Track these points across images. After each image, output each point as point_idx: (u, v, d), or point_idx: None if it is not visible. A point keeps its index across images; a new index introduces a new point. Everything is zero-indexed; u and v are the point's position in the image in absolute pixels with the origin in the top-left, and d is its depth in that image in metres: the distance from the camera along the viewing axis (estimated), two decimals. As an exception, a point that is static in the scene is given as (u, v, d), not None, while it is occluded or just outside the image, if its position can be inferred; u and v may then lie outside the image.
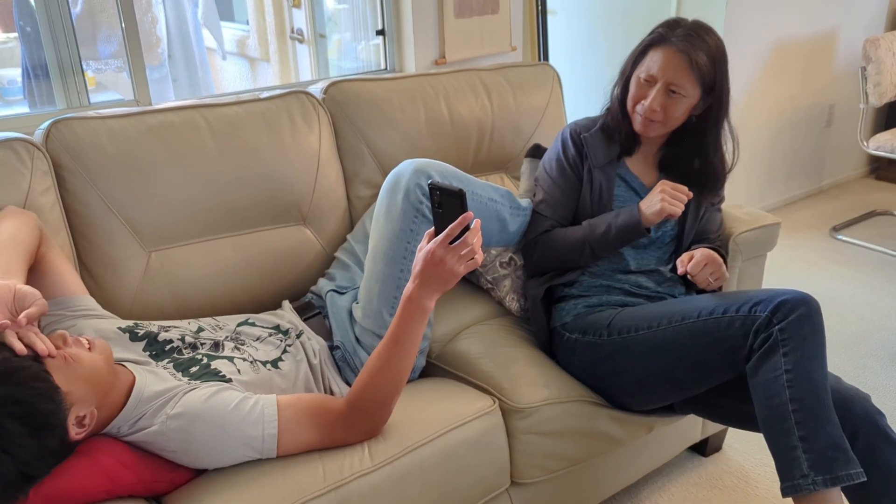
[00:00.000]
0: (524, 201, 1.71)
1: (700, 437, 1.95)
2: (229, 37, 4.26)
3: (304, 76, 3.68)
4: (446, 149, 2.00)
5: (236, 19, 4.33)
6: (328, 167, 1.82)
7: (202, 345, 1.40)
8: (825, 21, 3.68)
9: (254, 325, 1.52)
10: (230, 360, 1.37)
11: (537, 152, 1.93)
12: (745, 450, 2.06)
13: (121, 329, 1.36)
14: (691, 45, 1.52)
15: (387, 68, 2.65)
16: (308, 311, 1.65)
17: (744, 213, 1.87)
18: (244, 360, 1.39)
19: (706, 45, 1.54)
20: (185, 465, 1.24)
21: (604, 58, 3.66)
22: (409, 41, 2.54)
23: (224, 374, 1.32)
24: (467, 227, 1.22)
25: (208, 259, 1.66)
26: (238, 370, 1.35)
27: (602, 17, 3.63)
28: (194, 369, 1.32)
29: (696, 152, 1.67)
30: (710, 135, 1.64)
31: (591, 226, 1.63)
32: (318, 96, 1.87)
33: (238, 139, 1.69)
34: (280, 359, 1.44)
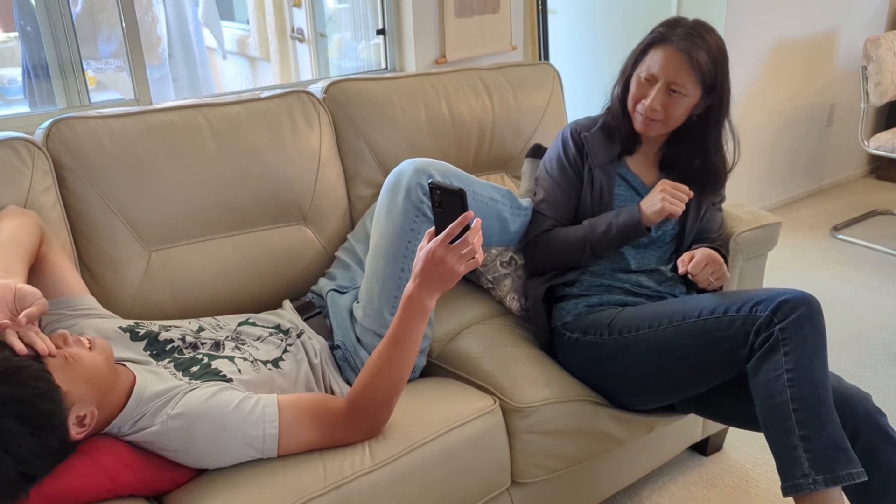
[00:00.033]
0: (525, 201, 1.71)
1: (701, 436, 1.95)
2: (230, 36, 4.26)
3: (305, 76, 3.68)
4: (447, 148, 2.00)
5: (237, 19, 4.33)
6: (329, 167, 1.82)
7: (203, 344, 1.40)
8: (826, 20, 3.68)
9: (254, 324, 1.52)
10: (231, 359, 1.37)
11: (538, 152, 1.93)
12: (746, 449, 2.06)
13: (121, 328, 1.36)
14: (692, 45, 1.52)
15: (387, 68, 2.65)
16: (309, 311, 1.65)
17: (744, 213, 1.87)
18: (245, 359, 1.39)
19: (707, 44, 1.54)
20: (186, 464, 1.24)
21: (604, 57, 3.66)
22: (409, 41, 2.54)
23: (225, 374, 1.32)
24: (468, 227, 1.22)
25: (209, 258, 1.66)
26: (239, 370, 1.35)
27: (602, 16, 3.62)
28: (195, 369, 1.32)
29: (696, 151, 1.67)
30: (711, 134, 1.64)
31: (592, 225, 1.63)
32: (318, 96, 1.87)
33: (239, 139, 1.69)
34: (281, 358, 1.44)
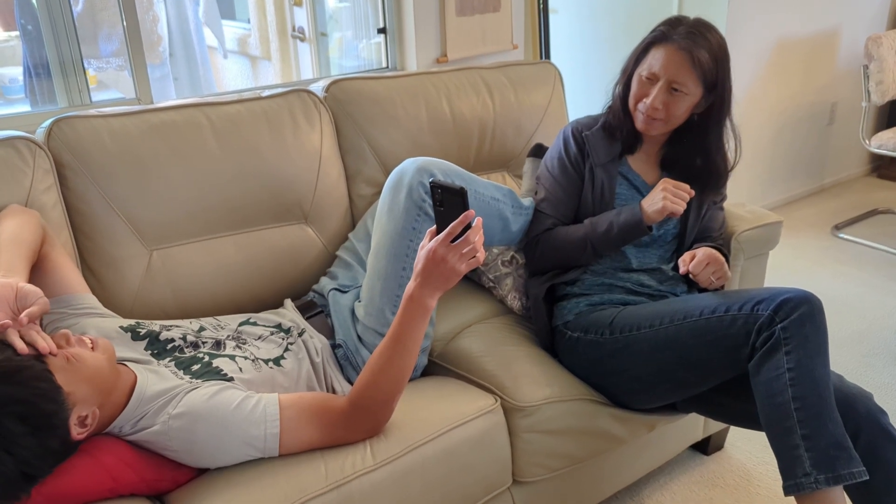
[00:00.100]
0: (526, 200, 1.71)
1: (702, 435, 1.95)
2: (230, 35, 4.26)
3: (306, 74, 3.68)
4: (448, 147, 2.00)
5: (237, 17, 4.33)
6: (330, 166, 1.82)
7: (204, 343, 1.40)
8: (827, 19, 3.68)
9: (255, 324, 1.52)
10: (232, 358, 1.37)
11: (539, 152, 1.93)
12: (747, 448, 2.06)
13: (122, 328, 1.36)
14: (693, 43, 1.52)
15: (388, 66, 2.64)
16: (310, 310, 1.64)
17: (746, 212, 1.87)
18: (246, 358, 1.39)
19: (708, 42, 1.53)
20: (188, 464, 1.24)
21: (605, 56, 3.66)
22: (410, 39, 2.54)
23: (226, 373, 1.32)
24: (469, 226, 1.22)
25: (210, 258, 1.66)
26: (240, 368, 1.35)
27: (604, 15, 3.62)
28: (196, 367, 1.32)
29: (698, 150, 1.66)
30: (713, 133, 1.64)
31: (593, 224, 1.62)
32: (319, 95, 1.87)
33: (240, 138, 1.69)
34: (282, 357, 1.44)
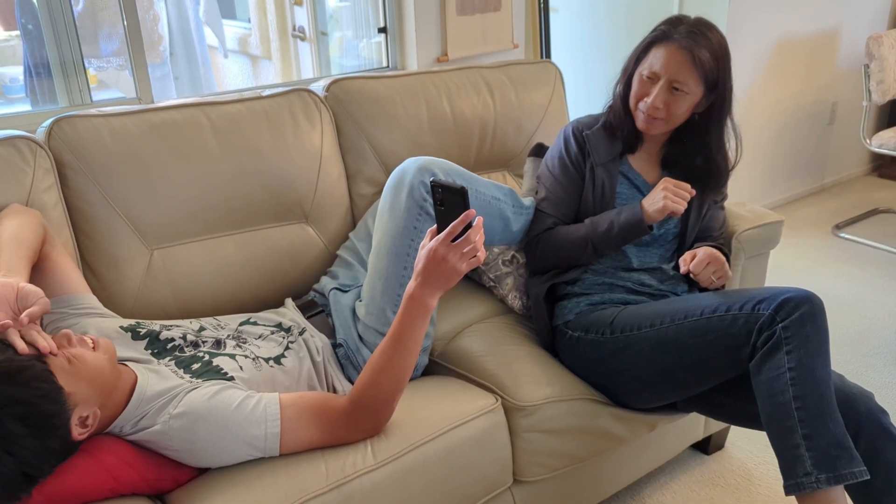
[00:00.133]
0: (527, 200, 1.71)
1: (703, 435, 1.95)
2: (231, 34, 4.26)
3: (306, 74, 3.68)
4: (449, 146, 2.00)
5: (238, 17, 4.33)
6: (330, 165, 1.82)
7: (204, 343, 1.40)
8: (828, 18, 3.68)
9: (255, 323, 1.52)
10: (232, 357, 1.37)
11: (540, 151, 1.93)
12: (748, 448, 2.06)
13: (122, 328, 1.36)
14: (694, 42, 1.52)
15: (389, 66, 2.64)
16: (311, 309, 1.64)
17: (746, 211, 1.87)
18: (246, 357, 1.39)
19: (709, 41, 1.53)
20: (188, 464, 1.24)
21: (606, 55, 3.66)
22: (410, 39, 2.54)
23: (226, 372, 1.32)
24: (469, 225, 1.22)
25: (210, 257, 1.65)
26: (240, 367, 1.35)
27: (604, 14, 3.62)
28: (196, 366, 1.32)
29: (698, 149, 1.66)
30: (713, 132, 1.64)
31: (594, 223, 1.62)
32: (320, 94, 1.87)
33: (240, 137, 1.69)
34: (283, 355, 1.44)
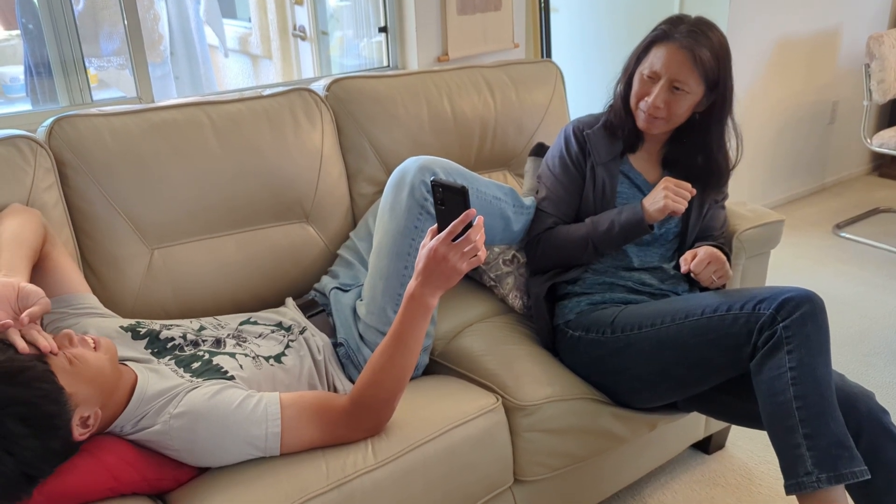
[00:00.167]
0: (528, 199, 1.71)
1: (703, 434, 1.95)
2: (231, 34, 4.26)
3: (307, 73, 3.68)
4: (449, 146, 2.00)
5: (238, 16, 4.33)
6: (331, 164, 1.82)
7: (204, 342, 1.40)
8: (828, 18, 3.67)
9: (255, 323, 1.52)
10: (232, 355, 1.37)
11: (541, 151, 1.93)
12: (749, 447, 2.06)
13: (122, 328, 1.36)
14: (695, 42, 1.52)
15: (389, 65, 2.64)
16: (312, 309, 1.64)
17: (747, 211, 1.87)
18: (246, 355, 1.39)
19: (710, 41, 1.53)
20: (189, 463, 1.24)
21: (607, 55, 3.65)
22: (411, 38, 2.53)
23: (226, 371, 1.31)
24: (470, 224, 1.22)
25: (211, 256, 1.65)
26: (240, 366, 1.35)
27: (605, 13, 3.62)
28: (196, 365, 1.32)
29: (699, 149, 1.66)
30: (714, 131, 1.64)
31: (594, 223, 1.62)
32: (320, 93, 1.87)
33: (241, 136, 1.69)
34: (283, 353, 1.44)
